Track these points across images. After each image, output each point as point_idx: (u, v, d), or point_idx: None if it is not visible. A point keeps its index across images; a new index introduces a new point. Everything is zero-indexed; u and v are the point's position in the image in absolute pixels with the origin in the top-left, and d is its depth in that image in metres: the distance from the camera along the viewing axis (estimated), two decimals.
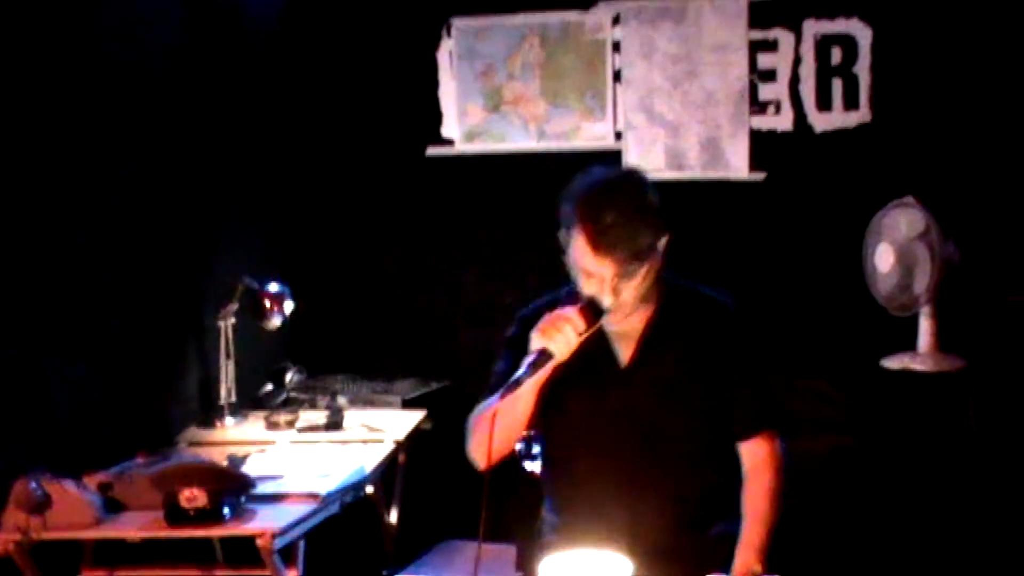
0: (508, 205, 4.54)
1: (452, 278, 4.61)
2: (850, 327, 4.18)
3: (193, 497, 2.80)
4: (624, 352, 2.52)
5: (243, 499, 2.96)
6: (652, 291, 2.47)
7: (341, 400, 3.99)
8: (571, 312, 2.36)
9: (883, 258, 3.93)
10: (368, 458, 3.41)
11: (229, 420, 3.80)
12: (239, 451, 3.41)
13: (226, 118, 4.12)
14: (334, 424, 3.72)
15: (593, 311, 2.40)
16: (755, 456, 2.49)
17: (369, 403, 4.04)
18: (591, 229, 2.36)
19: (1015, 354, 3.93)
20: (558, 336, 2.31)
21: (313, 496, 3.03)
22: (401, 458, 3.86)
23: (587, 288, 2.42)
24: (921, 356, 3.93)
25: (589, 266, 2.39)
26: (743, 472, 2.50)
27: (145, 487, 2.90)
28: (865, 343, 4.06)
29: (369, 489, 3.56)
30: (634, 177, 2.51)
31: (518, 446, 3.14)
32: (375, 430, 3.70)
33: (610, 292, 2.39)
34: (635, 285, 2.41)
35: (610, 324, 2.48)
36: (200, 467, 2.97)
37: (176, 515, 2.82)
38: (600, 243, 2.35)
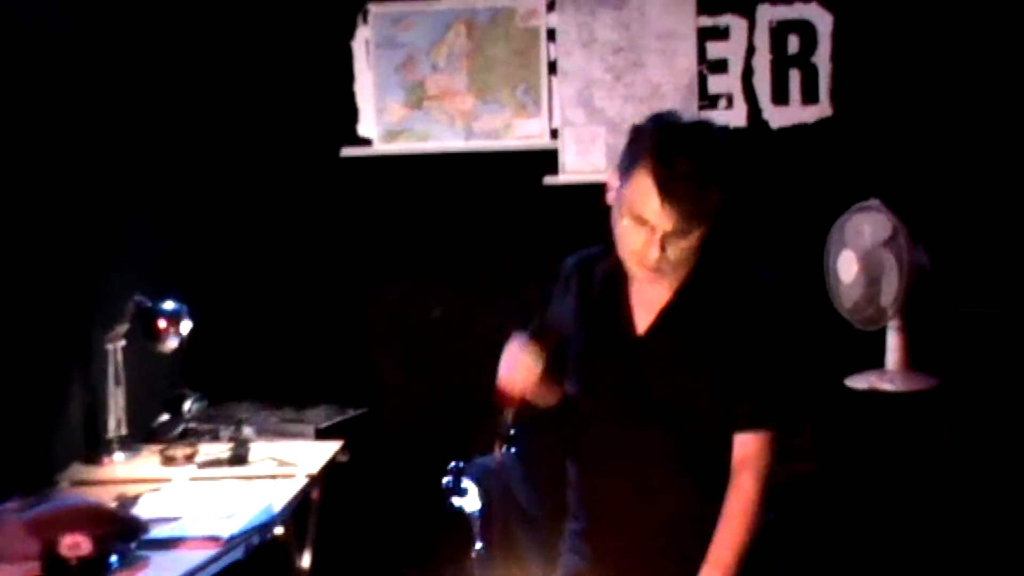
0: (433, 211, 4.52)
1: (371, 293, 4.58)
2: (812, 344, 4.13)
3: (76, 544, 2.69)
4: (643, 320, 2.54)
5: (134, 545, 2.88)
6: (691, 257, 2.49)
7: (247, 431, 3.94)
8: (521, 350, 2.42)
9: (846, 267, 3.96)
10: (277, 495, 3.36)
11: (119, 455, 3.74)
12: (130, 490, 3.36)
13: (114, 115, 4.04)
14: (239, 458, 3.68)
15: (546, 334, 2.43)
16: (744, 450, 2.49)
17: (278, 434, 4.03)
18: (663, 172, 2.35)
19: (992, 372, 3.97)
20: (518, 382, 2.39)
21: (215, 540, 2.98)
22: (315, 494, 3.80)
23: (630, 239, 2.42)
24: (889, 374, 3.96)
25: (647, 213, 2.38)
26: (731, 466, 2.50)
27: (19, 534, 2.79)
28: (828, 361, 4.07)
29: (279, 530, 3.47)
30: (716, 128, 2.51)
31: (444, 480, 3.13)
32: (285, 464, 3.66)
33: (657, 247, 2.40)
34: (683, 247, 2.42)
35: (638, 286, 2.53)
36: (84, 509, 2.90)
37: (55, 566, 2.69)
38: (669, 190, 2.35)
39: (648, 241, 2.40)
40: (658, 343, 2.50)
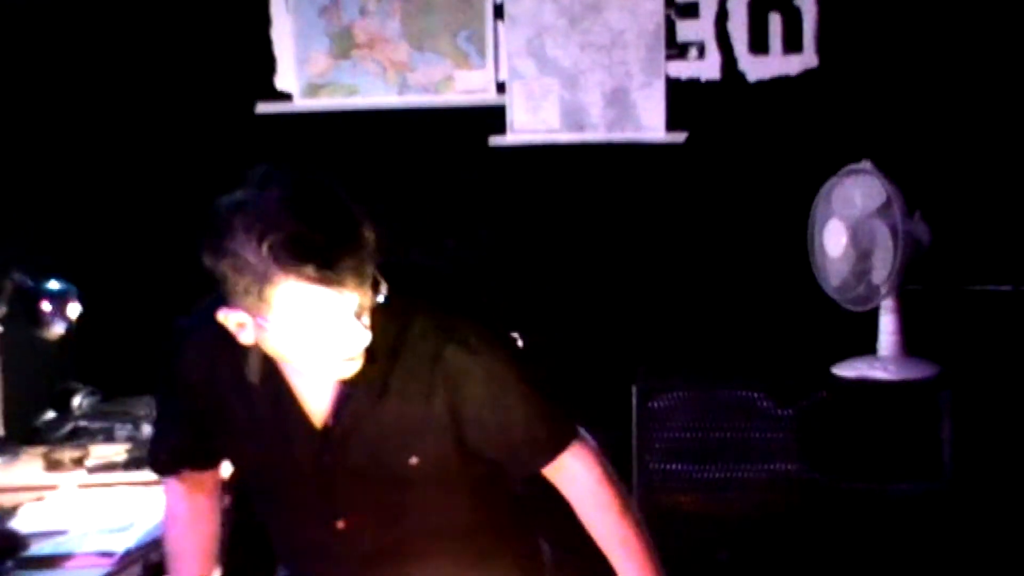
0: (362, 177, 4.33)
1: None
2: (793, 326, 4.23)
3: None
4: (316, 407, 2.39)
5: (10, 564, 2.86)
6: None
7: (147, 429, 3.88)
8: None
9: (834, 239, 3.96)
10: None
11: None
12: (6, 500, 3.33)
13: None
14: (137, 461, 3.60)
15: None
16: (569, 478, 2.42)
17: None
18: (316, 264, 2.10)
19: (999, 359, 3.99)
20: None
21: (107, 557, 2.95)
22: (226, 501, 3.64)
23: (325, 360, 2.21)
24: (882, 361, 3.98)
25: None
26: (571, 501, 2.44)
27: None
28: (812, 346, 4.12)
29: None
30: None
31: None
32: None
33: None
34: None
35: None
36: None
37: None
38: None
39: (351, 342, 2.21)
40: (340, 429, 2.36)
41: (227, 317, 2.18)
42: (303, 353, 2.18)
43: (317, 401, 2.34)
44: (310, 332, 2.12)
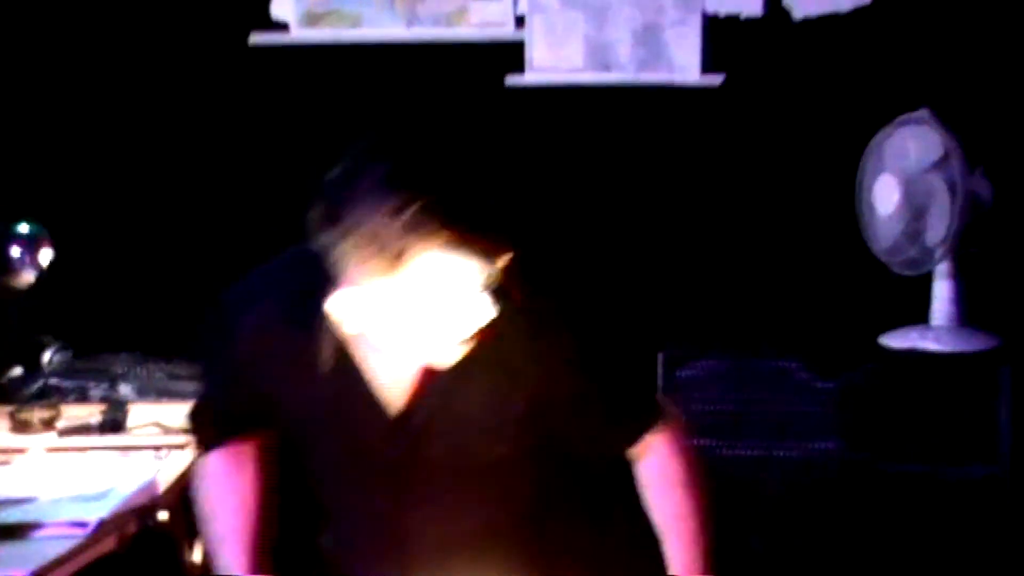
0: (365, 118, 4.42)
1: (287, 219, 4.39)
2: (838, 290, 4.22)
3: None
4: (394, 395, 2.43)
5: None
6: None
7: (124, 390, 3.95)
8: None
9: (885, 196, 3.97)
10: (162, 472, 3.34)
11: None
12: None
13: None
14: (113, 424, 3.64)
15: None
16: (653, 461, 2.49)
17: (165, 393, 3.99)
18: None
19: None
20: None
21: (79, 526, 2.94)
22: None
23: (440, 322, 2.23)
24: (936, 332, 3.99)
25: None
26: (644, 481, 2.50)
27: None
28: (858, 313, 4.13)
29: (163, 515, 3.46)
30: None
31: None
32: (174, 431, 3.62)
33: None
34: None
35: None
36: None
37: None
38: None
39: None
40: (417, 418, 2.41)
41: (341, 300, 2.18)
42: (421, 333, 2.19)
43: (393, 388, 2.37)
44: (437, 305, 2.14)
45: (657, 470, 2.48)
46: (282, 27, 4.45)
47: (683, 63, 4.30)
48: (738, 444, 3.97)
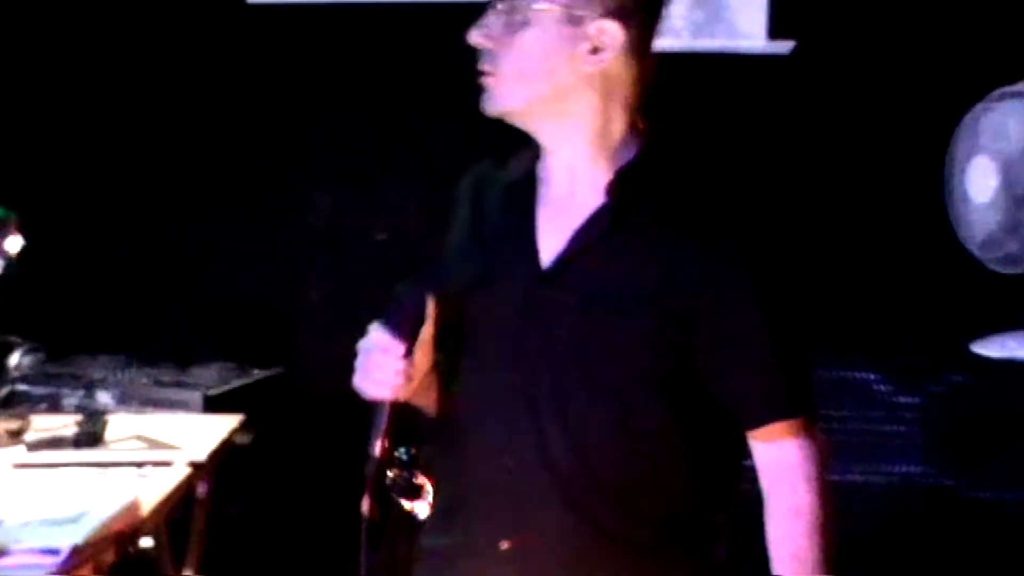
0: (378, 85, 4.48)
1: (288, 203, 4.57)
2: (923, 291, 4.20)
3: None
4: (550, 245, 2.49)
5: None
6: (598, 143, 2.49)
7: (102, 398, 4.00)
8: (383, 350, 2.41)
9: (980, 181, 3.94)
10: (146, 491, 3.33)
11: None
12: None
13: None
14: (90, 436, 3.66)
15: (415, 316, 2.44)
16: (775, 459, 2.46)
17: (149, 402, 4.04)
18: None
19: None
20: (378, 386, 2.42)
21: (51, 553, 2.93)
22: (201, 490, 3.86)
23: None
24: None
25: None
26: (762, 488, 2.47)
27: None
28: (947, 317, 4.11)
29: (146, 542, 3.49)
30: None
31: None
32: (159, 446, 3.66)
33: None
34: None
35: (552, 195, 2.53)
36: None
37: None
38: None
39: None
40: (577, 279, 2.49)
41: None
42: None
43: (553, 238, 2.46)
44: None
45: (786, 491, 2.43)
46: None
47: (747, 28, 4.32)
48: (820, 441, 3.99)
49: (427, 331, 2.46)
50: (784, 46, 4.27)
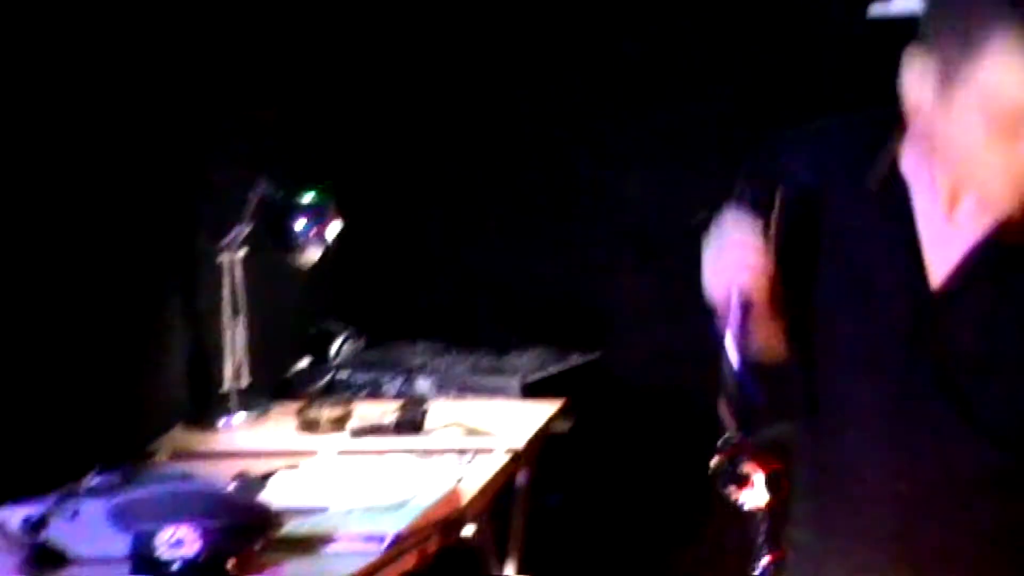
0: (675, 73, 4.47)
1: (602, 185, 4.57)
2: None
3: (178, 541, 2.75)
4: (940, 264, 2.42)
5: (259, 545, 2.92)
6: None
7: (422, 385, 4.05)
8: (742, 232, 2.35)
9: None
10: (466, 479, 3.39)
11: (238, 417, 3.86)
12: (254, 467, 3.41)
13: None
14: (411, 424, 3.74)
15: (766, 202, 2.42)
16: None
17: (467, 389, 4.09)
18: None
19: None
20: (735, 270, 2.31)
21: (375, 540, 2.99)
22: (521, 478, 3.90)
23: (1001, 155, 2.26)
24: None
25: None
26: None
27: (99, 525, 2.87)
28: None
29: (468, 529, 3.52)
30: None
31: (714, 461, 3.10)
32: (478, 433, 3.72)
33: None
34: None
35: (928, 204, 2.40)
36: (189, 494, 2.95)
37: (148, 568, 2.75)
38: None
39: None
40: (966, 299, 2.41)
41: (918, 71, 2.29)
42: (975, 158, 2.25)
43: (941, 253, 2.41)
44: (992, 123, 2.20)
45: None
46: None
47: None
48: None
49: (774, 224, 2.39)
50: None
